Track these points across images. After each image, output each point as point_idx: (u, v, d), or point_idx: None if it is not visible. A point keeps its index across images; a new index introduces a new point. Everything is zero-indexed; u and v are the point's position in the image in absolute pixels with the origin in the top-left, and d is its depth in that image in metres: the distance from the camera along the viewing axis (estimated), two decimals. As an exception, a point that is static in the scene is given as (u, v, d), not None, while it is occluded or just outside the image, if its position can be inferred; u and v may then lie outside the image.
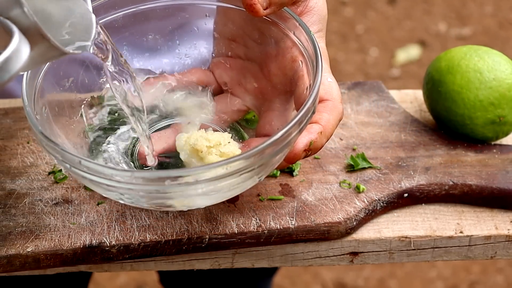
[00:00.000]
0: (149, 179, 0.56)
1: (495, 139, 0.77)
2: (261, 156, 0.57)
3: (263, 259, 0.71)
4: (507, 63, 0.76)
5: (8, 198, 0.70)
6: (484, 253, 0.71)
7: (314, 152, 0.63)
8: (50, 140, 0.59)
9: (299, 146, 0.61)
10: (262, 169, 0.59)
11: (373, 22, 2.50)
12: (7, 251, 0.65)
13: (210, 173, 0.56)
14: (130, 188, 0.57)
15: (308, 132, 0.62)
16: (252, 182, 0.61)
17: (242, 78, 0.72)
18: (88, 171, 0.57)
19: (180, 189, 0.57)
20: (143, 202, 0.60)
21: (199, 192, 0.58)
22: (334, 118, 0.63)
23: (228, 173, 0.57)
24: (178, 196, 0.58)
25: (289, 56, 0.67)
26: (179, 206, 0.62)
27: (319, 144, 0.62)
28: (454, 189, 0.72)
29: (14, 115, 0.79)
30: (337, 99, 0.64)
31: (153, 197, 0.59)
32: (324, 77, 0.65)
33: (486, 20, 2.52)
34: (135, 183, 0.56)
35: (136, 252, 0.66)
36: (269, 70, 0.69)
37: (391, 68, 2.36)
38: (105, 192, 0.60)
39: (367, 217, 0.70)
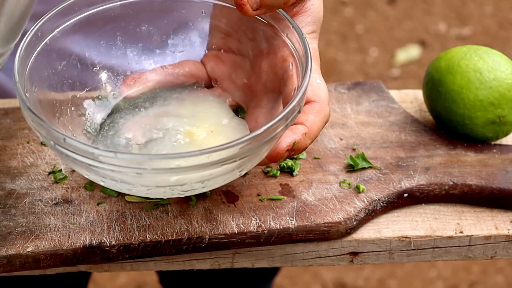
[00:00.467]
0: (131, 160, 0.57)
1: (495, 139, 0.77)
2: (243, 149, 0.57)
3: (263, 259, 0.71)
4: (507, 63, 0.76)
5: (8, 198, 0.70)
6: (484, 253, 0.71)
7: (297, 153, 0.63)
8: (37, 116, 0.59)
9: (282, 145, 0.61)
10: (243, 162, 0.60)
11: (373, 22, 2.50)
12: (7, 251, 0.65)
13: (192, 160, 0.56)
14: (112, 169, 0.57)
15: (293, 132, 0.62)
16: (232, 175, 0.61)
17: (233, 73, 0.72)
18: (71, 149, 0.57)
19: (157, 174, 0.57)
20: (124, 186, 0.61)
21: (174, 180, 0.58)
22: (320, 120, 0.63)
23: (210, 163, 0.57)
24: (152, 182, 0.59)
25: (280, 55, 0.67)
26: (152, 194, 0.62)
27: (303, 145, 0.62)
28: (454, 189, 0.72)
29: (14, 115, 0.79)
30: (325, 101, 0.64)
31: (130, 180, 0.59)
32: (313, 78, 0.65)
33: (486, 20, 2.52)
34: (118, 164, 0.57)
35: (136, 252, 0.66)
36: (260, 67, 0.70)
37: (391, 68, 2.36)
38: (87, 173, 0.61)
39: (367, 217, 0.70)
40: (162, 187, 0.60)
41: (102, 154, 0.57)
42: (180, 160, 0.57)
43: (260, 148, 0.59)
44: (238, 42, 0.72)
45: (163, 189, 0.61)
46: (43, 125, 0.59)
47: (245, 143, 0.57)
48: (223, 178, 0.61)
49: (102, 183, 0.62)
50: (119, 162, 0.57)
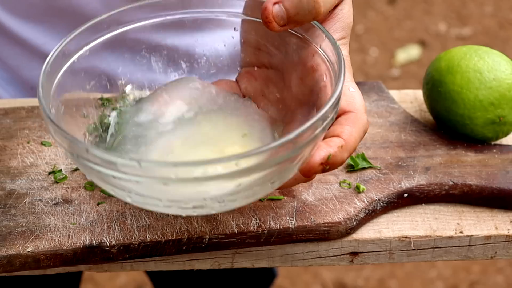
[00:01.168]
0: (154, 168, 0.54)
1: (495, 139, 0.77)
2: (271, 155, 0.54)
3: (263, 259, 0.71)
4: (507, 63, 0.76)
5: (8, 198, 0.70)
6: (484, 253, 0.72)
7: (334, 167, 0.60)
8: (59, 126, 0.57)
9: (316, 159, 0.58)
10: (274, 173, 0.57)
11: (373, 22, 2.50)
12: (7, 251, 0.65)
13: (218, 167, 0.53)
14: (136, 180, 0.54)
15: (327, 145, 0.58)
16: (263, 188, 0.59)
17: (265, 88, 0.70)
18: (93, 160, 0.55)
19: (188, 185, 0.54)
20: (151, 202, 0.58)
21: (202, 191, 0.56)
22: (357, 130, 0.60)
23: (238, 171, 0.54)
24: (179, 194, 0.56)
25: (309, 65, 0.64)
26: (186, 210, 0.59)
27: (339, 159, 0.59)
28: (454, 189, 0.72)
29: (14, 115, 0.79)
30: (361, 109, 0.61)
31: (158, 191, 0.56)
32: (345, 87, 0.62)
33: (486, 20, 2.52)
34: (141, 175, 0.54)
35: (136, 252, 0.66)
36: (290, 80, 0.67)
37: (391, 68, 2.36)
38: (112, 188, 0.58)
39: (367, 217, 0.70)
40: (191, 202, 0.57)
41: (125, 163, 0.54)
42: (207, 167, 0.53)
43: (290, 156, 0.56)
44: (269, 56, 0.69)
45: (193, 203, 0.58)
46: (66, 136, 0.56)
47: (271, 150, 0.54)
48: (254, 191, 0.58)
49: (129, 199, 0.59)
50: (142, 172, 0.54)
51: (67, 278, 1.13)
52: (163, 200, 0.57)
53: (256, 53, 0.70)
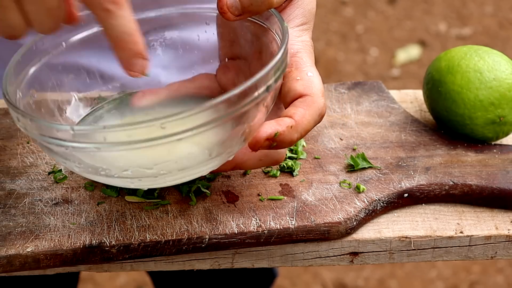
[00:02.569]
0: (87, 134, 0.56)
1: (495, 139, 0.77)
2: (214, 111, 0.55)
3: (263, 259, 0.71)
4: (508, 63, 0.76)
5: (8, 198, 0.70)
6: (484, 253, 0.71)
7: (281, 146, 0.61)
8: (10, 100, 0.59)
9: (261, 134, 0.59)
10: (210, 142, 0.58)
11: (373, 22, 2.50)
12: (7, 251, 0.65)
13: (145, 130, 0.54)
14: (73, 146, 0.56)
15: (277, 124, 0.60)
16: (202, 161, 0.60)
17: (236, 78, 0.72)
18: (38, 131, 0.57)
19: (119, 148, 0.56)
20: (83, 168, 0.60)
21: (134, 159, 0.57)
22: (311, 113, 0.62)
23: (165, 135, 0.55)
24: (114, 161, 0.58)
25: (269, 52, 0.67)
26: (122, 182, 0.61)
27: (288, 138, 0.61)
28: (454, 189, 0.72)
29: (14, 115, 0.79)
30: (318, 93, 0.63)
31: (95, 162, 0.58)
32: (304, 71, 0.64)
33: (486, 20, 2.52)
34: (74, 140, 0.56)
35: (136, 252, 0.66)
36: (255, 66, 0.69)
37: (391, 68, 2.36)
38: (60, 159, 0.60)
39: (367, 217, 0.70)
40: (122, 170, 0.59)
41: (60, 128, 0.56)
42: (133, 130, 0.54)
43: (225, 121, 0.57)
44: (240, 47, 0.71)
45: (126, 172, 0.59)
46: (18, 112, 0.58)
47: (202, 110, 0.55)
48: (190, 161, 0.59)
49: (77, 169, 0.60)
50: (76, 137, 0.56)
51: (65, 278, 1.13)
52: (101, 168, 0.59)
53: (230, 46, 0.72)
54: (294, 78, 0.63)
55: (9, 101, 0.60)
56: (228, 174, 0.73)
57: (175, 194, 0.71)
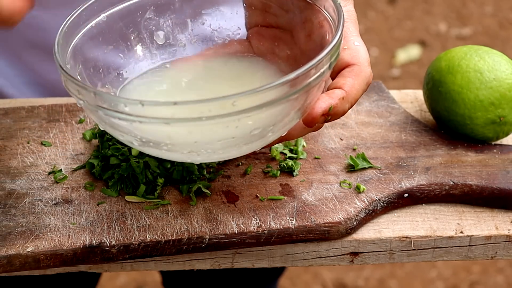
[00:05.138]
0: (157, 109, 0.56)
1: (495, 139, 0.77)
2: (269, 95, 0.56)
3: (263, 259, 0.71)
4: (508, 63, 0.76)
5: (8, 198, 0.70)
6: (484, 253, 0.71)
7: (335, 118, 0.62)
8: (68, 74, 0.60)
9: (317, 110, 0.60)
10: (273, 120, 0.59)
11: (373, 22, 2.50)
12: (7, 251, 0.65)
13: (217, 104, 0.55)
14: (140, 120, 0.57)
15: (329, 97, 0.61)
16: (263, 136, 0.60)
17: (276, 47, 0.72)
18: (100, 103, 0.57)
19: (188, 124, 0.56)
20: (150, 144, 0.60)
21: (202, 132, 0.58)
22: (360, 82, 0.62)
23: (235, 112, 0.56)
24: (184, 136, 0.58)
25: (316, 22, 0.67)
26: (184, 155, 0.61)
27: (341, 110, 0.61)
28: (454, 189, 0.72)
29: (14, 115, 0.79)
30: (364, 63, 0.63)
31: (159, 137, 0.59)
32: (350, 41, 0.64)
33: (486, 20, 2.52)
34: (143, 115, 0.56)
35: (136, 252, 0.66)
36: (299, 37, 0.69)
37: (391, 68, 2.36)
38: (120, 133, 0.60)
39: (367, 217, 0.70)
40: (188, 146, 0.60)
41: (129, 102, 0.56)
42: (206, 106, 0.55)
43: (284, 98, 0.57)
44: (275, 17, 0.71)
45: (190, 147, 0.60)
46: (76, 83, 0.59)
47: (269, 89, 0.56)
48: (255, 136, 0.60)
49: (136, 143, 0.61)
50: (146, 112, 0.56)
51: (84, 278, 1.12)
52: (165, 144, 0.60)
53: (262, 15, 0.72)
54: (341, 48, 0.64)
55: (67, 73, 0.60)
56: (228, 174, 0.73)
57: (175, 194, 0.71)
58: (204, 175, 0.73)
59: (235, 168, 0.74)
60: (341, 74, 0.63)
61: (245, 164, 0.74)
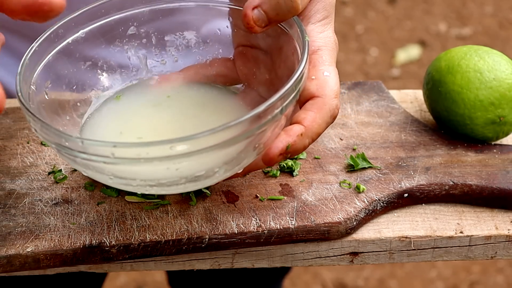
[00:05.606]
0: (96, 148, 0.56)
1: (495, 139, 0.77)
2: (228, 133, 0.55)
3: (263, 259, 0.71)
4: (508, 63, 0.76)
5: (8, 198, 0.70)
6: (484, 253, 0.71)
7: (295, 154, 0.60)
8: (23, 103, 0.59)
9: (273, 150, 0.58)
10: (224, 160, 0.58)
11: (373, 22, 2.50)
12: (7, 251, 0.65)
13: (156, 150, 0.55)
14: (83, 157, 0.57)
15: (287, 135, 0.59)
16: (213, 174, 0.60)
17: (257, 69, 0.71)
18: (52, 139, 0.58)
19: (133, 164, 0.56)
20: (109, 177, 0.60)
21: (141, 172, 0.57)
22: (322, 116, 0.61)
23: (172, 155, 0.55)
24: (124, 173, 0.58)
25: (289, 50, 0.66)
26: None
27: (300, 146, 0.60)
28: (454, 189, 0.72)
29: (14, 115, 0.79)
30: (330, 94, 0.62)
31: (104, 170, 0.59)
32: (320, 71, 0.62)
33: (486, 20, 2.52)
34: (86, 152, 0.56)
35: (136, 252, 0.66)
36: (276, 62, 0.68)
37: (391, 68, 2.36)
38: (76, 166, 0.60)
39: (367, 217, 0.70)
40: (134, 181, 0.59)
41: (71, 139, 0.56)
42: (146, 149, 0.55)
43: (232, 145, 0.56)
44: (258, 38, 0.70)
45: (137, 182, 0.60)
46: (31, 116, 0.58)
47: (208, 135, 0.54)
48: (201, 177, 0.59)
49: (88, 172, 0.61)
50: (86, 149, 0.56)
51: (90, 279, 1.12)
52: (109, 176, 0.60)
53: (246, 35, 0.71)
54: (309, 77, 0.62)
55: (22, 103, 0.59)
56: (228, 174, 0.73)
57: (175, 194, 0.71)
58: (204, 175, 0.73)
59: (235, 168, 0.74)
60: (304, 107, 0.61)
61: (245, 164, 0.74)
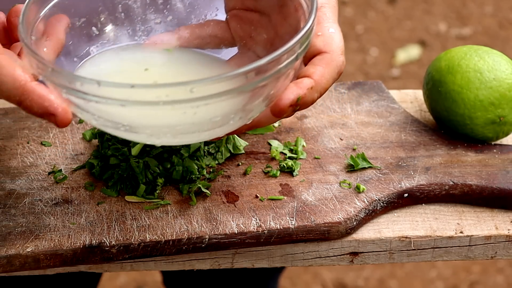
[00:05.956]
0: (113, 90, 0.54)
1: (495, 139, 0.77)
2: (229, 83, 0.55)
3: (263, 259, 0.71)
4: (508, 63, 0.76)
5: (8, 198, 0.70)
6: (484, 253, 0.71)
7: (304, 107, 0.61)
8: (27, 45, 0.58)
9: (284, 101, 0.59)
10: (234, 110, 0.58)
11: (373, 22, 2.50)
12: (7, 251, 0.65)
13: (176, 90, 0.54)
14: (96, 100, 0.55)
15: (297, 87, 0.60)
16: (224, 120, 0.59)
17: (253, 31, 0.71)
18: (58, 80, 0.56)
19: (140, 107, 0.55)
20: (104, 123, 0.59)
21: (157, 116, 0.57)
22: (330, 71, 0.61)
23: (193, 98, 0.55)
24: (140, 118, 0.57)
25: (292, 6, 0.65)
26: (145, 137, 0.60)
27: (309, 99, 0.60)
28: (454, 189, 0.72)
29: (14, 115, 0.79)
30: (337, 51, 0.62)
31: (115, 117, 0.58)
32: (325, 27, 0.63)
33: (486, 20, 2.52)
34: (100, 95, 0.55)
35: (136, 252, 0.66)
36: (276, 21, 0.68)
37: (391, 68, 2.36)
38: (80, 111, 0.59)
39: (367, 217, 0.70)
40: (147, 128, 0.59)
41: (86, 81, 0.55)
42: (166, 90, 0.54)
43: (248, 91, 0.57)
44: (254, 0, 0.70)
45: (149, 130, 0.59)
46: (34, 57, 0.57)
47: (228, 78, 0.55)
48: (216, 123, 0.59)
49: (95, 122, 0.60)
50: (102, 92, 0.55)
51: (85, 278, 1.12)
52: (123, 126, 0.59)
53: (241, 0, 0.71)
54: (315, 34, 0.63)
55: (28, 47, 0.58)
56: (228, 174, 0.73)
57: (175, 194, 0.71)
58: (204, 175, 0.73)
59: (235, 168, 0.74)
60: (312, 62, 0.62)
61: (245, 164, 0.74)
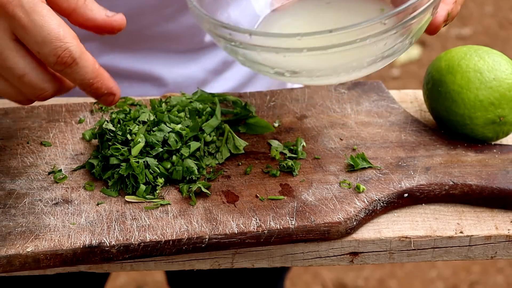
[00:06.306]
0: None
1: (495, 139, 0.77)
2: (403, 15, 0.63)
3: (263, 259, 0.71)
4: (508, 63, 0.76)
5: (8, 198, 0.70)
6: (484, 253, 0.71)
7: (451, 20, 0.71)
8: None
9: (439, 19, 0.69)
10: (401, 31, 0.66)
11: (373, 22, 2.50)
12: (7, 251, 0.65)
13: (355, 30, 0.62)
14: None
15: (445, 3, 0.70)
16: (403, 40, 0.67)
17: None
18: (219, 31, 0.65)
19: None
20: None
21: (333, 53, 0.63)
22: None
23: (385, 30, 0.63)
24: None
25: None
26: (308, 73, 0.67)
27: (455, 12, 0.71)
28: (454, 189, 0.72)
29: (14, 115, 0.79)
30: None
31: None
32: None
33: (486, 20, 2.52)
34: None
35: (136, 252, 0.66)
36: None
37: (391, 68, 2.35)
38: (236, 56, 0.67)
39: (367, 217, 0.70)
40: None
41: (239, 30, 0.64)
42: (335, 37, 0.62)
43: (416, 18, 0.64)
44: None
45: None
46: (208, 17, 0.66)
47: (397, 13, 0.63)
48: (363, 64, 0.67)
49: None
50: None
51: (93, 279, 1.12)
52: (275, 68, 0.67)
53: None
54: None
55: (205, 13, 0.66)
56: (228, 174, 0.73)
57: (175, 194, 0.71)
58: (204, 175, 0.73)
59: (235, 168, 0.74)
60: None
61: (245, 164, 0.74)
